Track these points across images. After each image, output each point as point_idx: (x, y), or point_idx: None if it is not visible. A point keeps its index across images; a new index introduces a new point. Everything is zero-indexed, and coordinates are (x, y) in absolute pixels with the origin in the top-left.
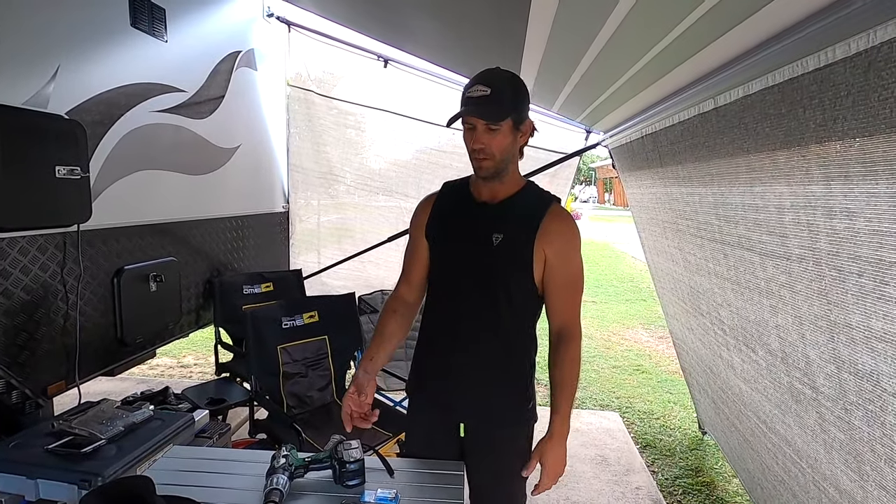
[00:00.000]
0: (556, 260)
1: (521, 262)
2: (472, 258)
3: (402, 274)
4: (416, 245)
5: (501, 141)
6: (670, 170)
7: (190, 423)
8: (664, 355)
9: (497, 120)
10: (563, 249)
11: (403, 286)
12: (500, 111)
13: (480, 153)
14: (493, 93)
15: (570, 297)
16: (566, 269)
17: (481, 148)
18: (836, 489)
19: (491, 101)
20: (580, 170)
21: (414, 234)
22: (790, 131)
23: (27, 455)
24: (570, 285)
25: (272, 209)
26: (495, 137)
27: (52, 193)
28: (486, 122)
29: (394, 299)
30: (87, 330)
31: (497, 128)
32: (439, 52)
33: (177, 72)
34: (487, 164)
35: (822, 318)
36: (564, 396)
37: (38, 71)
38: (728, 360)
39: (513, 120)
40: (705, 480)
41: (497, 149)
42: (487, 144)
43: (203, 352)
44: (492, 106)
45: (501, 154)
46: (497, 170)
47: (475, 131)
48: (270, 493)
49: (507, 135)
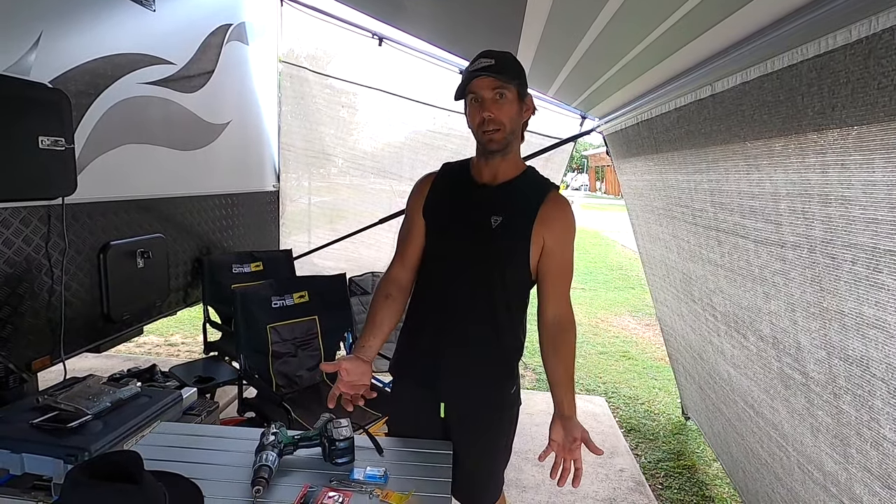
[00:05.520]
0: (554, 247)
1: (518, 246)
2: (469, 240)
3: (397, 254)
4: (412, 224)
5: (509, 109)
6: (665, 156)
7: (178, 400)
8: (650, 342)
9: (508, 78)
10: (560, 237)
11: (398, 267)
12: (508, 77)
13: (490, 124)
14: (497, 62)
15: (564, 284)
16: (562, 256)
17: (490, 118)
18: (820, 471)
19: (496, 69)
20: (573, 157)
21: (410, 214)
22: (788, 119)
23: (12, 430)
24: (565, 273)
25: (262, 188)
26: (503, 106)
27: (35, 164)
28: (498, 79)
29: (387, 281)
30: (72, 305)
31: (505, 92)
32: (435, 32)
33: (165, 43)
34: (498, 136)
35: (815, 305)
36: (565, 382)
37: (19, 36)
38: (718, 345)
39: (518, 90)
40: (687, 464)
41: (506, 117)
42: (497, 114)
43: (190, 330)
44: (500, 71)
45: (511, 124)
46: (506, 142)
47: (483, 102)
48: (260, 470)
49: (513, 103)
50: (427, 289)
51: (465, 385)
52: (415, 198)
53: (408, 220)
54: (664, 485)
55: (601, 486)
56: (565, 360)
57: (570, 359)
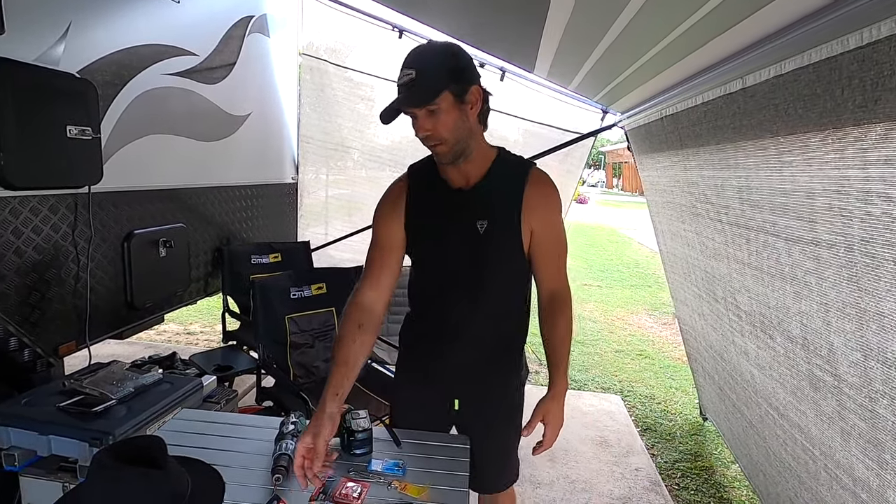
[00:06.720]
0: (543, 229)
1: (510, 245)
2: (459, 249)
3: (368, 276)
4: (386, 241)
5: (446, 121)
6: (690, 152)
7: (198, 388)
8: (668, 341)
9: (427, 101)
10: (547, 217)
11: (369, 290)
12: (431, 90)
13: (430, 140)
14: (419, 73)
15: (559, 261)
16: (552, 235)
17: (428, 135)
18: (849, 476)
19: (418, 82)
20: (590, 153)
21: (384, 231)
22: (825, 112)
23: (39, 412)
24: (557, 250)
25: (282, 180)
26: (438, 119)
27: (63, 153)
28: (416, 107)
29: (357, 309)
30: (97, 292)
31: (435, 107)
32: (456, 25)
33: (188, 34)
34: (442, 150)
35: (851, 306)
36: (562, 357)
37: (48, 27)
38: (742, 346)
39: (453, 93)
40: (704, 465)
41: (445, 130)
42: (433, 129)
43: (209, 320)
44: (420, 88)
45: (452, 134)
46: (456, 152)
47: (417, 119)
48: (279, 458)
49: (450, 112)
50: (424, 297)
51: (478, 378)
52: (387, 213)
53: (380, 237)
54: (680, 485)
55: (616, 484)
56: (563, 335)
57: (567, 334)
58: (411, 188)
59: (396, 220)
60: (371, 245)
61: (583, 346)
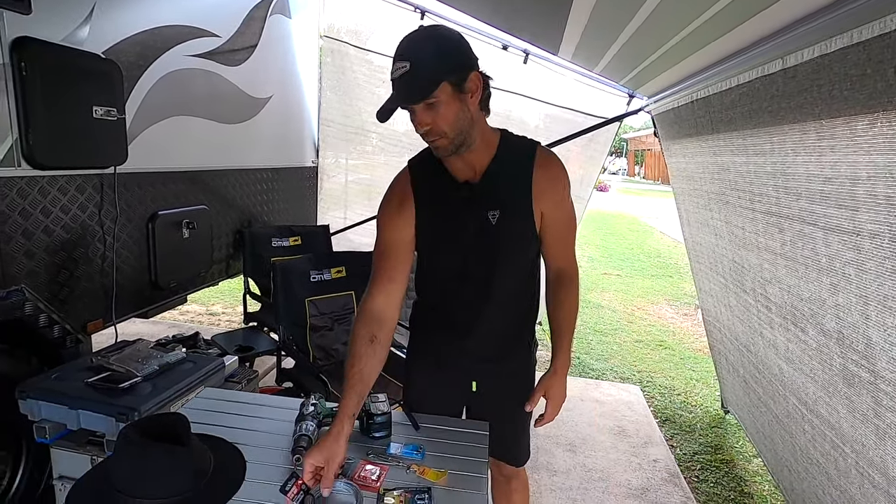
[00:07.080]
0: (553, 211)
1: (524, 232)
2: (474, 243)
3: (377, 282)
4: (396, 245)
5: (446, 114)
6: (722, 137)
7: (220, 367)
8: (688, 332)
9: (424, 95)
10: (556, 198)
11: (380, 297)
12: (427, 82)
13: (430, 135)
14: (413, 65)
15: (567, 240)
16: (562, 215)
17: (428, 129)
18: (883, 475)
19: (414, 75)
20: (614, 138)
21: (392, 232)
22: (875, 94)
23: (69, 387)
24: (566, 228)
25: (302, 163)
26: (438, 112)
27: (89, 133)
28: (413, 103)
29: (368, 321)
30: (123, 272)
31: (433, 100)
32: (479, 6)
33: (211, 15)
34: (443, 143)
35: (894, 299)
36: (566, 334)
37: (74, 8)
38: (771, 339)
39: (451, 83)
40: (725, 458)
41: (445, 124)
42: (433, 123)
43: (230, 301)
44: (415, 81)
45: (453, 127)
46: (457, 145)
47: (415, 114)
48: (300, 439)
49: (450, 104)
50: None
51: (494, 358)
52: (393, 215)
53: (388, 241)
54: (700, 478)
55: (634, 475)
56: (568, 313)
57: (573, 312)
58: (416, 187)
59: (403, 222)
60: (377, 248)
61: (602, 335)
